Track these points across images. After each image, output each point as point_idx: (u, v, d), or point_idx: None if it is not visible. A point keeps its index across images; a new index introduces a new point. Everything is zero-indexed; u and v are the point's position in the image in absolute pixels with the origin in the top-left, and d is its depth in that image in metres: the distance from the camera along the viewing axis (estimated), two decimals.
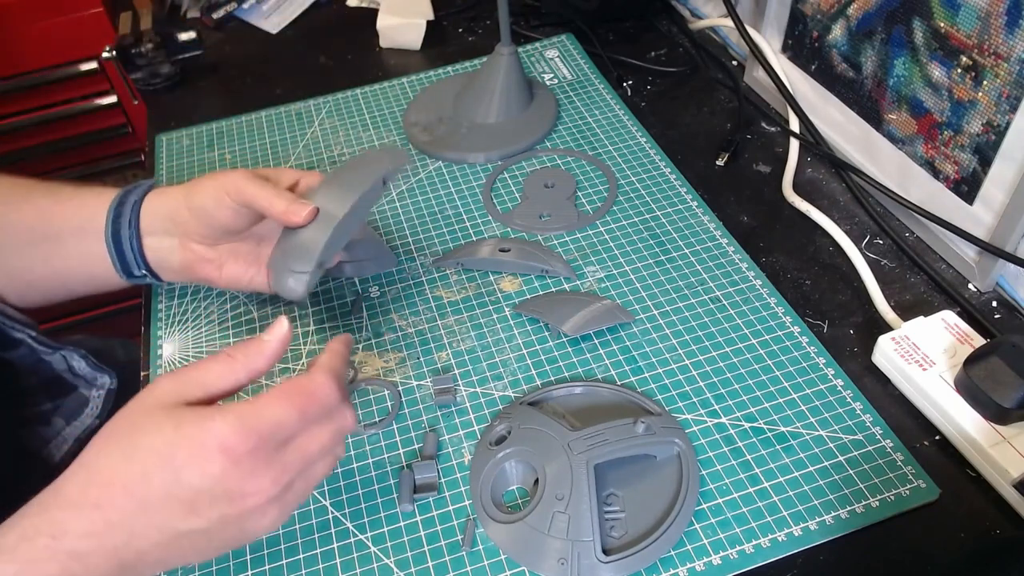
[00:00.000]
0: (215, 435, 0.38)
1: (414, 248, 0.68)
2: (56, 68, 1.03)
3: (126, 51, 0.88)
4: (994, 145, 0.56)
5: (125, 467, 0.38)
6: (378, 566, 0.48)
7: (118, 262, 0.59)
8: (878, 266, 0.63)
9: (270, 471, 0.39)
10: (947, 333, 0.54)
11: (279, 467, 0.40)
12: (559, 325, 0.58)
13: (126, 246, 0.58)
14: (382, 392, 0.57)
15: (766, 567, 0.46)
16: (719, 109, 0.81)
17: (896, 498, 0.48)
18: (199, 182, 0.56)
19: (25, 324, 0.61)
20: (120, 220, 0.58)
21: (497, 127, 0.78)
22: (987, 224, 0.58)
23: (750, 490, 0.49)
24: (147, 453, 0.38)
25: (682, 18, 0.93)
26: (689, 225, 0.67)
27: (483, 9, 0.98)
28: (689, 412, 0.54)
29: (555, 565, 0.46)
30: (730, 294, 0.61)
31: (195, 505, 0.38)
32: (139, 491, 0.38)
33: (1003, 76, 0.53)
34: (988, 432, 0.49)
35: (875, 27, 0.64)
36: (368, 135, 0.81)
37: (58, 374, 0.64)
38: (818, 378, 0.55)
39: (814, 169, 0.73)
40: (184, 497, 0.38)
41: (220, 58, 0.95)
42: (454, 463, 0.53)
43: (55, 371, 0.63)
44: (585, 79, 0.85)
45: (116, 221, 0.58)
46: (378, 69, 0.91)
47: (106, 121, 1.09)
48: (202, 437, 0.38)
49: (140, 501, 0.38)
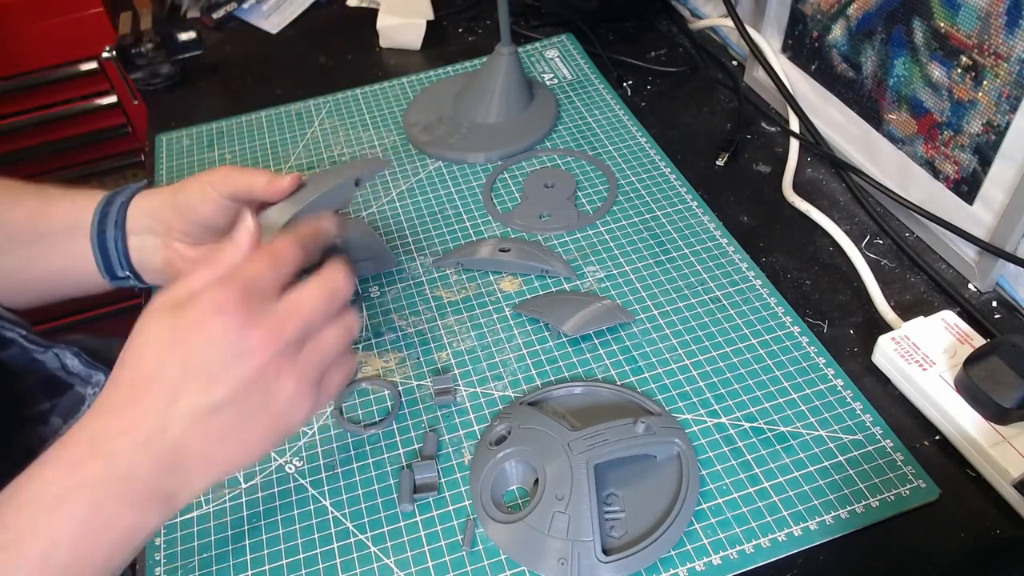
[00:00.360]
0: (206, 301, 0.40)
1: (414, 248, 0.68)
2: (56, 68, 1.03)
3: (126, 51, 0.88)
4: (994, 145, 0.56)
5: (140, 365, 0.40)
6: (378, 566, 0.48)
7: (102, 262, 0.59)
8: (878, 266, 0.63)
9: (265, 320, 0.40)
10: (947, 333, 0.54)
11: (274, 317, 0.41)
12: (559, 325, 0.58)
13: (111, 245, 0.59)
14: (382, 392, 0.57)
15: (766, 567, 0.46)
16: (719, 109, 0.81)
17: (896, 498, 0.48)
18: (186, 180, 0.57)
19: (15, 323, 0.62)
20: (106, 220, 0.58)
21: (497, 127, 0.78)
22: (987, 224, 0.58)
23: (750, 490, 0.49)
24: (155, 343, 0.40)
25: (682, 18, 0.93)
26: (689, 225, 0.67)
27: (483, 9, 0.98)
28: (689, 412, 0.54)
29: (555, 565, 0.46)
30: (730, 294, 0.61)
31: (211, 374, 0.39)
32: (158, 379, 0.39)
33: (1003, 76, 0.53)
34: (988, 432, 0.49)
35: (875, 27, 0.64)
36: (368, 135, 0.81)
37: (52, 373, 0.64)
38: (818, 378, 0.55)
39: (814, 169, 0.73)
40: (199, 369, 0.39)
41: (220, 58, 0.95)
42: (454, 463, 0.53)
43: (49, 370, 0.63)
44: (585, 79, 0.85)
45: (102, 221, 0.58)
46: (378, 69, 0.91)
47: (106, 121, 1.09)
48: (197, 309, 0.40)
49: (162, 388, 0.39)
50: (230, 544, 0.50)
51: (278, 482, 0.53)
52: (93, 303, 1.25)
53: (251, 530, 0.50)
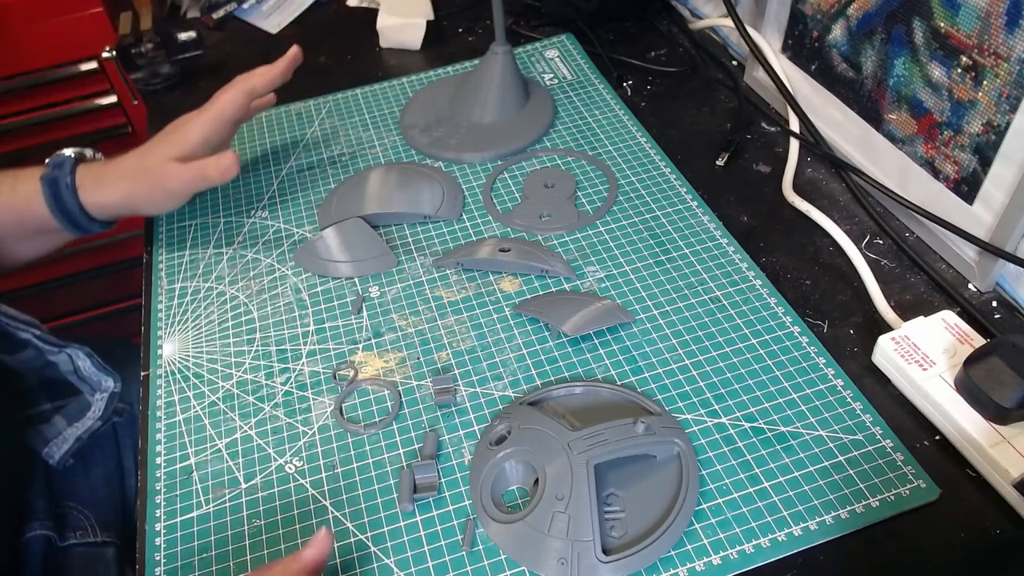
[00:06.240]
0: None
1: (414, 248, 0.68)
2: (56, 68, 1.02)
3: (126, 51, 0.88)
4: (994, 145, 0.56)
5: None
6: (378, 566, 0.48)
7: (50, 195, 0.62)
8: (878, 266, 0.63)
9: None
10: (947, 333, 0.54)
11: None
12: (559, 325, 0.58)
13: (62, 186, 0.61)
14: (382, 392, 0.57)
15: (766, 567, 0.46)
16: (719, 109, 0.81)
17: (896, 498, 0.48)
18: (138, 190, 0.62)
19: (28, 323, 0.62)
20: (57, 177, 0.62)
21: (493, 127, 0.78)
22: (987, 224, 0.58)
23: (750, 490, 0.49)
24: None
25: (682, 18, 0.93)
26: (689, 225, 0.67)
27: (483, 9, 0.98)
28: (689, 412, 0.54)
29: (555, 565, 0.46)
30: (730, 294, 0.61)
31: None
32: None
33: (1003, 76, 0.53)
34: (988, 432, 0.49)
35: (875, 27, 0.64)
36: (368, 135, 0.81)
37: (63, 376, 0.64)
38: (818, 378, 0.55)
39: (814, 169, 0.73)
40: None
41: (220, 58, 0.95)
42: (454, 463, 0.53)
43: (61, 373, 0.63)
44: (585, 79, 0.85)
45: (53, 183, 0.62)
46: (378, 69, 0.91)
47: (106, 121, 1.09)
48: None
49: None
50: (230, 544, 0.50)
51: (278, 482, 0.53)
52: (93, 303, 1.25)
53: (251, 530, 0.50)
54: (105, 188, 0.62)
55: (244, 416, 0.57)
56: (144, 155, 0.63)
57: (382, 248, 0.67)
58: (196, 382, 0.59)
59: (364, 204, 0.69)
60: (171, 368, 0.61)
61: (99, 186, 0.62)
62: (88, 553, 0.64)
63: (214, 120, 0.64)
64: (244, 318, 0.64)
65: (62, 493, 0.66)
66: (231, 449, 0.55)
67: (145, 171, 0.62)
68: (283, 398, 0.58)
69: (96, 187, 0.62)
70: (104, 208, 0.63)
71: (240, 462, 0.54)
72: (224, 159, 0.61)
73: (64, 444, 0.64)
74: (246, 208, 0.73)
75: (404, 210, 0.69)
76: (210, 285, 0.67)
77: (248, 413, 0.57)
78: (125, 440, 0.72)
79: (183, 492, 0.53)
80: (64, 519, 0.65)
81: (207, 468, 0.54)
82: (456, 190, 0.72)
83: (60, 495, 0.66)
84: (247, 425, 0.56)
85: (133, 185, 0.62)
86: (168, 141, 0.63)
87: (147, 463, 0.55)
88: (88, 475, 0.68)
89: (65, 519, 0.65)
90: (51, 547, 0.63)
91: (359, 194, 0.71)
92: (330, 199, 0.72)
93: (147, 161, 0.63)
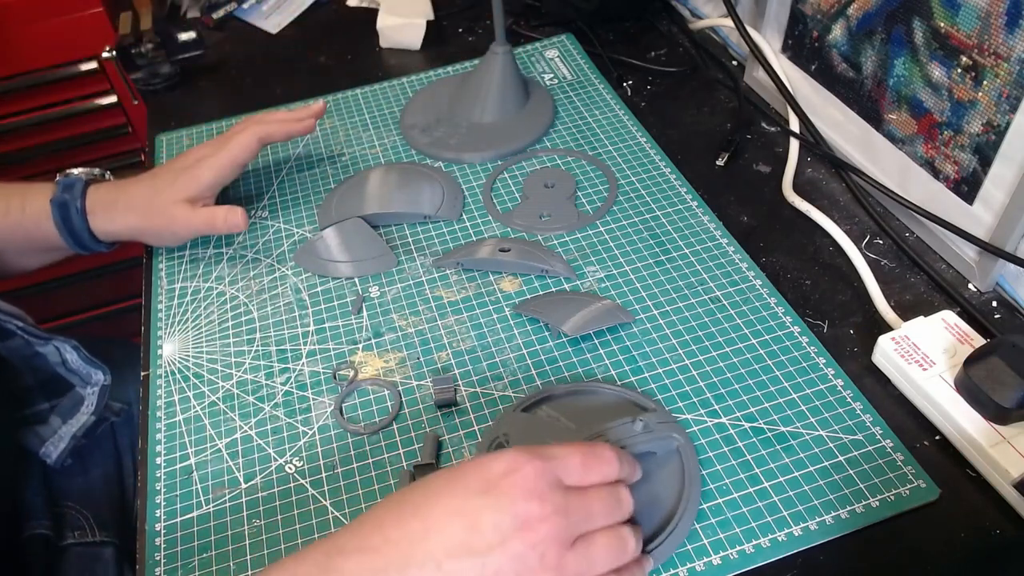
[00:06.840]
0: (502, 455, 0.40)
1: (414, 248, 0.68)
2: (56, 68, 1.02)
3: (126, 51, 0.88)
4: (994, 145, 0.56)
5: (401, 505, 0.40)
6: None
7: (59, 216, 0.63)
8: (878, 266, 0.63)
9: (552, 496, 0.39)
10: (947, 333, 0.54)
11: (560, 500, 0.39)
12: (559, 325, 0.58)
13: (71, 209, 0.63)
14: (382, 392, 0.57)
15: (766, 567, 0.46)
16: (719, 109, 0.81)
17: (896, 498, 0.48)
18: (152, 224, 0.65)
19: (13, 315, 0.62)
20: (67, 201, 0.63)
21: (493, 127, 0.78)
22: (987, 224, 0.58)
23: (750, 490, 0.49)
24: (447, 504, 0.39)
25: (682, 18, 0.93)
26: (689, 225, 0.67)
27: (483, 9, 0.98)
28: (689, 412, 0.54)
29: None
30: (730, 294, 0.61)
31: (490, 545, 0.37)
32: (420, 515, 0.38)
33: (1003, 76, 0.53)
34: (988, 432, 0.49)
35: (875, 27, 0.64)
36: (368, 135, 0.81)
37: (54, 370, 0.64)
38: (818, 378, 0.55)
39: (814, 169, 0.73)
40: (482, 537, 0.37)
41: (220, 58, 0.95)
42: (454, 463, 0.52)
43: (50, 365, 0.64)
44: (585, 79, 0.85)
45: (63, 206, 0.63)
46: (378, 69, 0.91)
47: (106, 121, 1.09)
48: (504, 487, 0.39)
49: (421, 526, 0.38)
50: (230, 544, 0.50)
51: (278, 482, 0.53)
52: (93, 303, 1.25)
53: (251, 530, 0.50)
54: (115, 217, 0.65)
55: (244, 416, 0.57)
56: (156, 191, 0.65)
57: (382, 248, 0.67)
58: (196, 382, 0.59)
59: (364, 204, 0.69)
60: (171, 368, 0.61)
61: (109, 215, 0.64)
62: (86, 553, 0.64)
63: (227, 166, 0.66)
64: (244, 318, 0.64)
65: (60, 493, 0.66)
66: (231, 449, 0.55)
67: (155, 209, 0.64)
68: (283, 398, 0.58)
69: (106, 215, 0.64)
70: (111, 235, 0.66)
71: (240, 462, 0.54)
72: (233, 216, 0.64)
73: (60, 443, 0.64)
74: (246, 208, 0.73)
75: (404, 210, 0.69)
76: (210, 285, 0.67)
77: (248, 413, 0.57)
78: (123, 440, 0.72)
79: (183, 492, 0.53)
80: (62, 519, 0.65)
81: (207, 468, 0.54)
82: (456, 190, 0.72)
83: (58, 495, 0.66)
84: (247, 425, 0.56)
85: (142, 221, 0.65)
86: (180, 182, 0.65)
87: (147, 463, 0.55)
88: (86, 475, 0.68)
89: (63, 519, 0.65)
90: (49, 547, 0.63)
91: (359, 194, 0.71)
92: (330, 199, 0.72)
93: (158, 200, 0.64)
